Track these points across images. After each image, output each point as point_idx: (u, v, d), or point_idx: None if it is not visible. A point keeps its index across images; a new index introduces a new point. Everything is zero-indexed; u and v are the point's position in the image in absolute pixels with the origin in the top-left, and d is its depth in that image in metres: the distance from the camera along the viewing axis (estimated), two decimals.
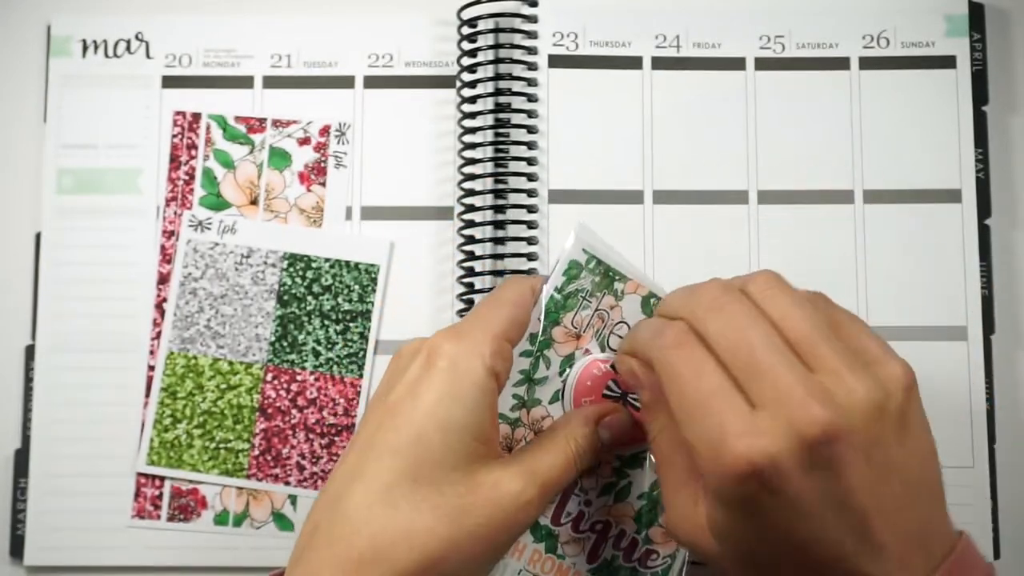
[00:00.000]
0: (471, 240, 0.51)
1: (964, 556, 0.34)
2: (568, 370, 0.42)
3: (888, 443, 0.33)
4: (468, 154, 0.52)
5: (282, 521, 0.51)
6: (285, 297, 0.53)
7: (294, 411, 0.52)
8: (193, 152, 0.54)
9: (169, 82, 0.54)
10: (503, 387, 0.39)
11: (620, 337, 0.42)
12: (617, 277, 0.42)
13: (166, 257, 0.53)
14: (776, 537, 0.33)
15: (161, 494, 0.52)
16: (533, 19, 0.54)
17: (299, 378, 0.52)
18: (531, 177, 0.52)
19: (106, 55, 0.54)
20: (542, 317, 0.41)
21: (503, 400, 0.41)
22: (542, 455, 0.38)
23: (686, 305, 0.36)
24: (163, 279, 0.53)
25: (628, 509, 0.43)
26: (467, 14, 0.53)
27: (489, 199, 0.52)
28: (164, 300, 0.53)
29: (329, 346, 0.52)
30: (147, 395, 0.52)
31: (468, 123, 0.52)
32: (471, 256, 0.51)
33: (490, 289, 0.51)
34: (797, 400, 0.32)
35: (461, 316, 0.51)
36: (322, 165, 0.54)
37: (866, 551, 0.33)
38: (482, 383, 0.36)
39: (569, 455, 0.39)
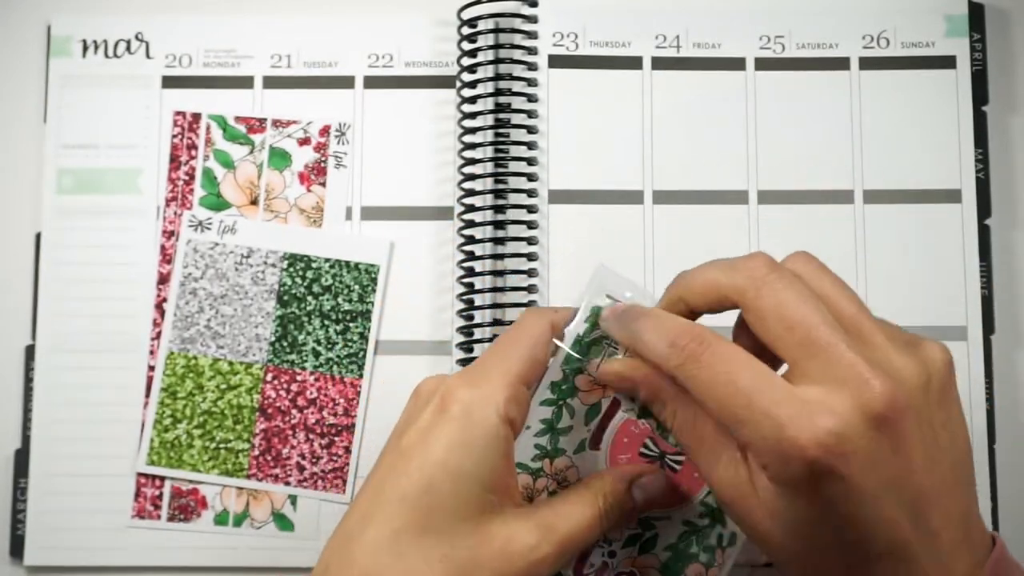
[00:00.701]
0: (471, 240, 0.51)
1: (1003, 555, 0.34)
2: (594, 420, 0.41)
3: (935, 423, 0.33)
4: (468, 154, 0.52)
5: (282, 521, 0.51)
6: (285, 297, 0.53)
7: (294, 411, 0.52)
8: (193, 152, 0.54)
9: (169, 82, 0.54)
10: (519, 433, 0.38)
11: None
12: None
13: (166, 257, 0.53)
14: (836, 521, 0.32)
15: (161, 494, 0.52)
16: (533, 19, 0.54)
17: (299, 378, 0.52)
18: (531, 177, 0.52)
19: (106, 55, 0.55)
20: (564, 365, 0.41)
21: (524, 449, 0.40)
22: (566, 509, 0.37)
23: (732, 281, 0.35)
24: (163, 279, 0.53)
25: (654, 561, 0.42)
26: (467, 14, 0.53)
27: (489, 199, 0.52)
28: (164, 300, 0.53)
29: (329, 346, 0.52)
30: (147, 395, 0.52)
31: (468, 123, 0.52)
32: (471, 256, 0.51)
33: (491, 289, 0.51)
34: (861, 376, 0.31)
35: (461, 316, 0.51)
36: (322, 165, 0.54)
37: (921, 537, 0.32)
38: (496, 431, 0.36)
39: (596, 512, 0.38)
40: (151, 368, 0.52)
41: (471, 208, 0.52)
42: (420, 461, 0.35)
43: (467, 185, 0.52)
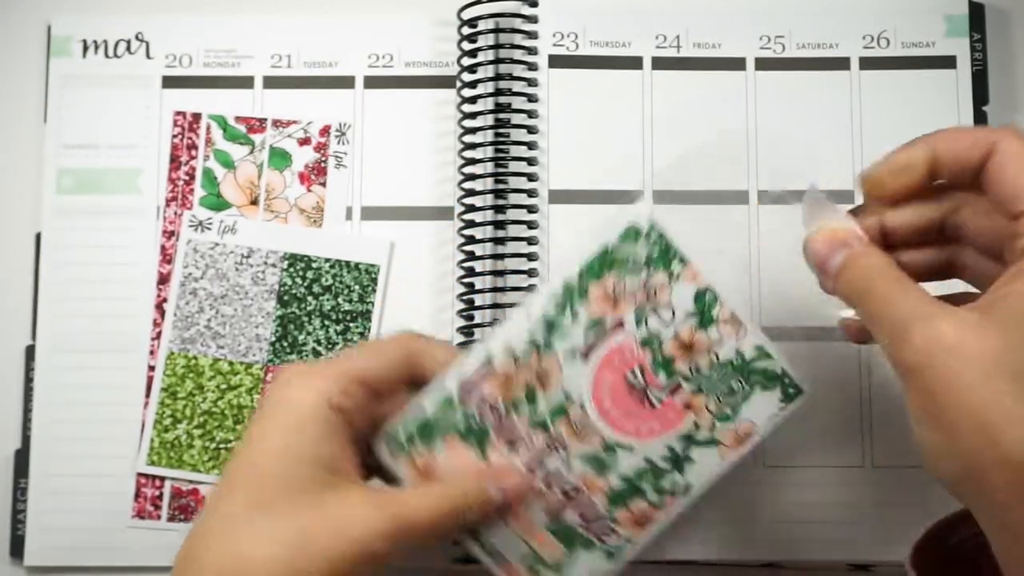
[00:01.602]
0: (471, 240, 0.51)
1: None
2: (593, 332, 0.42)
3: None
4: (468, 154, 0.52)
5: None
6: (285, 297, 0.53)
7: None
8: (193, 152, 0.54)
9: (169, 82, 0.54)
10: (357, 425, 0.39)
11: (661, 320, 0.42)
12: (677, 258, 0.42)
13: (166, 257, 0.53)
14: None
15: (161, 494, 0.52)
16: (533, 19, 0.54)
17: None
18: (531, 177, 0.52)
19: (106, 55, 0.55)
20: (584, 266, 0.41)
21: (516, 335, 0.41)
22: (418, 494, 0.39)
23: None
24: (163, 279, 0.53)
25: (604, 485, 0.42)
26: (467, 14, 0.53)
27: (489, 199, 0.52)
28: (164, 300, 0.53)
29: (329, 346, 0.52)
30: (147, 395, 0.52)
31: (468, 123, 0.52)
32: (471, 256, 0.51)
33: (491, 289, 0.51)
34: None
35: (461, 316, 0.51)
36: (322, 165, 0.54)
37: None
38: (323, 416, 0.37)
39: (447, 504, 0.39)
40: (151, 368, 0.52)
41: (471, 208, 0.52)
42: (249, 445, 0.38)
43: (467, 185, 0.52)
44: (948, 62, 0.53)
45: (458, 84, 0.53)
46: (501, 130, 0.52)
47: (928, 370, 0.33)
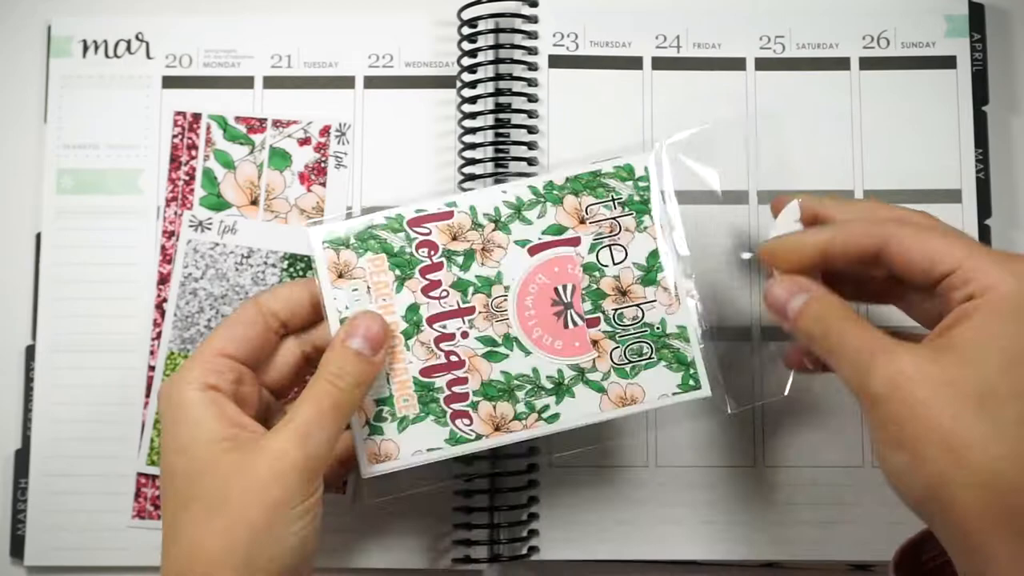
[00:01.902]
0: None
1: None
2: (547, 237, 0.44)
3: None
4: (468, 154, 0.52)
5: None
6: None
7: None
8: (193, 152, 0.54)
9: (169, 82, 0.54)
10: (235, 391, 0.41)
11: (612, 256, 0.44)
12: (649, 211, 0.44)
13: (166, 257, 0.53)
14: None
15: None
16: (533, 19, 0.54)
17: None
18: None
19: (106, 55, 0.55)
20: (571, 176, 0.44)
21: (485, 202, 0.44)
22: (295, 404, 0.40)
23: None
24: (163, 279, 0.53)
25: (486, 370, 0.44)
26: (467, 14, 0.53)
27: None
28: (164, 300, 0.53)
29: None
30: (147, 395, 0.52)
31: (468, 123, 0.52)
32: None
33: None
34: None
35: None
36: (322, 165, 0.54)
37: None
38: (196, 400, 0.40)
39: (321, 385, 0.40)
40: (151, 368, 0.52)
41: None
42: (161, 457, 0.40)
43: (467, 185, 0.52)
44: (948, 62, 0.53)
45: (458, 84, 0.53)
46: (501, 130, 0.52)
47: (894, 398, 0.35)
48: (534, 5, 0.54)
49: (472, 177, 0.52)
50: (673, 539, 0.50)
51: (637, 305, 0.44)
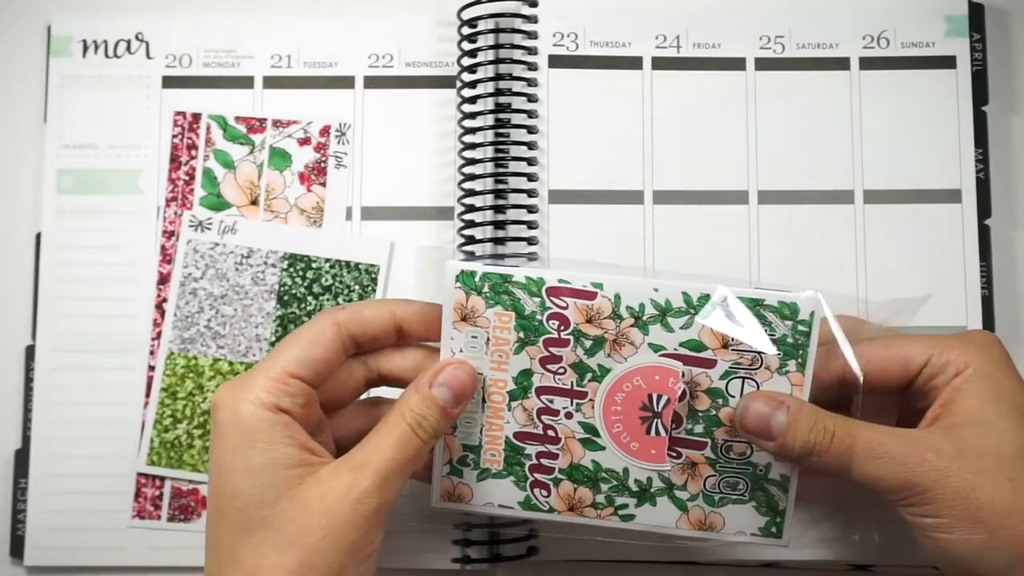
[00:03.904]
0: (471, 240, 0.51)
1: None
2: (684, 350, 0.42)
3: None
4: (468, 154, 0.52)
5: None
6: (285, 297, 0.53)
7: None
8: (193, 152, 0.54)
9: (169, 82, 0.54)
10: (312, 409, 0.40)
11: (743, 389, 0.43)
12: (799, 358, 0.42)
13: (166, 257, 0.53)
14: None
15: (161, 494, 0.52)
16: (533, 19, 0.54)
17: None
18: (531, 177, 0.52)
19: (106, 55, 0.55)
20: (732, 297, 0.42)
21: (633, 294, 0.42)
22: (375, 440, 0.39)
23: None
24: (163, 279, 0.53)
25: (576, 454, 0.43)
26: (467, 14, 0.53)
27: (489, 199, 0.52)
28: (164, 300, 0.53)
29: None
30: (147, 395, 0.52)
31: (468, 123, 0.52)
32: (471, 256, 0.51)
33: None
34: None
35: None
36: (322, 165, 0.54)
37: None
38: (267, 420, 0.38)
39: (404, 430, 0.39)
40: (151, 368, 0.52)
41: (471, 208, 0.52)
42: (218, 474, 0.38)
43: (467, 185, 0.52)
44: (948, 62, 0.53)
45: (458, 84, 0.53)
46: (501, 130, 0.52)
47: (952, 482, 0.37)
48: (534, 5, 0.54)
49: (472, 177, 0.52)
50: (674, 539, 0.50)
51: (748, 444, 0.43)
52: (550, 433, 0.43)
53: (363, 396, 0.45)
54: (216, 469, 0.39)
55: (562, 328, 0.43)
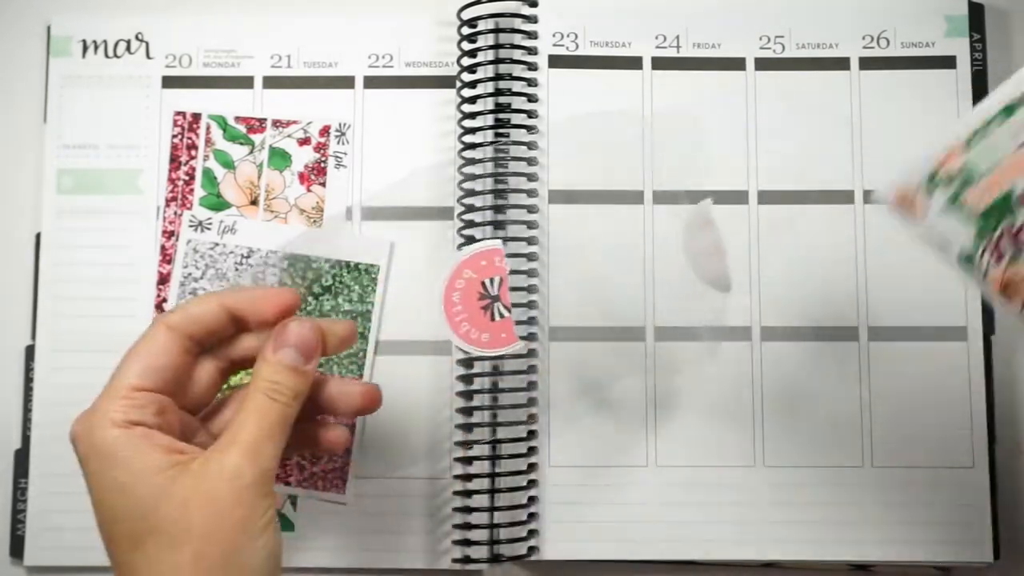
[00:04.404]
0: (471, 240, 0.51)
1: None
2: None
3: None
4: (468, 154, 0.52)
5: (282, 521, 0.51)
6: None
7: None
8: (193, 152, 0.54)
9: (169, 82, 0.54)
10: (159, 423, 0.39)
11: None
12: None
13: (166, 257, 0.53)
14: None
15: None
16: (533, 19, 0.54)
17: None
18: (531, 177, 0.52)
19: (106, 55, 0.55)
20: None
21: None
22: (237, 418, 0.39)
23: None
24: (163, 279, 0.53)
25: None
26: (467, 14, 0.53)
27: (489, 199, 0.52)
28: (164, 300, 0.53)
29: None
30: None
31: (468, 123, 0.52)
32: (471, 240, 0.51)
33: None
34: None
35: None
36: (322, 165, 0.54)
37: None
38: (122, 437, 0.38)
39: (260, 400, 0.39)
40: None
41: (471, 208, 0.52)
42: (97, 504, 0.38)
43: (467, 185, 0.52)
44: (948, 62, 0.53)
45: (458, 84, 0.53)
46: (501, 130, 0.52)
47: None
48: (534, 5, 0.54)
49: (472, 177, 0.52)
50: (673, 539, 0.50)
51: None
52: None
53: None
54: (94, 503, 0.38)
55: None
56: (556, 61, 0.54)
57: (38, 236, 0.53)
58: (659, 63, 0.54)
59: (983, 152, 0.36)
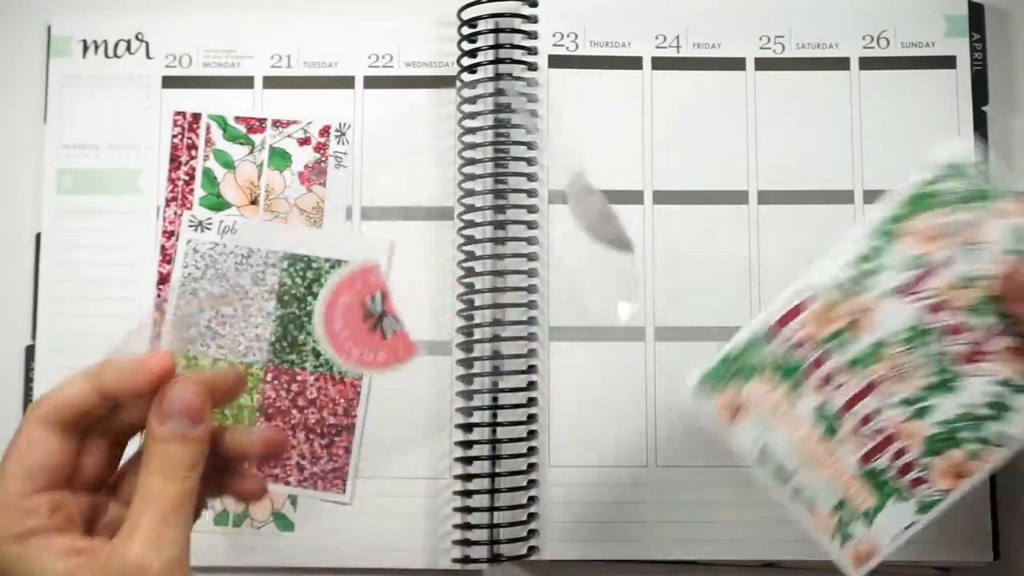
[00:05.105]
0: (471, 240, 0.51)
1: None
2: (911, 271, 0.41)
3: None
4: (468, 154, 0.52)
5: (282, 521, 0.51)
6: (285, 297, 0.53)
7: (294, 411, 0.52)
8: (193, 152, 0.54)
9: (169, 82, 0.54)
10: (56, 522, 0.36)
11: (979, 258, 0.41)
12: (993, 195, 0.41)
13: (166, 257, 0.53)
14: None
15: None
16: (533, 19, 0.54)
17: (299, 378, 0.52)
18: (531, 177, 0.52)
19: (106, 55, 0.55)
20: (894, 203, 0.42)
21: (831, 276, 0.41)
22: (134, 504, 0.36)
23: None
24: (163, 279, 0.53)
25: (921, 430, 0.41)
26: (467, 14, 0.53)
27: (489, 199, 0.52)
28: (164, 300, 0.53)
29: None
30: None
31: (468, 123, 0.52)
32: (471, 256, 0.51)
33: (490, 289, 0.51)
34: None
35: (461, 316, 0.51)
36: (322, 165, 0.54)
37: None
38: (13, 553, 0.35)
39: (154, 483, 0.36)
40: None
41: (471, 208, 0.52)
42: None
43: (467, 185, 0.52)
44: (948, 62, 0.53)
45: (458, 84, 0.53)
46: (501, 130, 0.52)
47: None
48: (534, 5, 0.54)
49: (472, 177, 0.52)
50: (673, 539, 0.50)
51: None
52: (880, 436, 0.41)
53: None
54: None
55: (810, 346, 0.41)
56: (556, 61, 0.54)
57: (38, 236, 0.53)
58: (659, 63, 0.54)
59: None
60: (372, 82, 0.54)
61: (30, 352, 0.53)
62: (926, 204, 0.42)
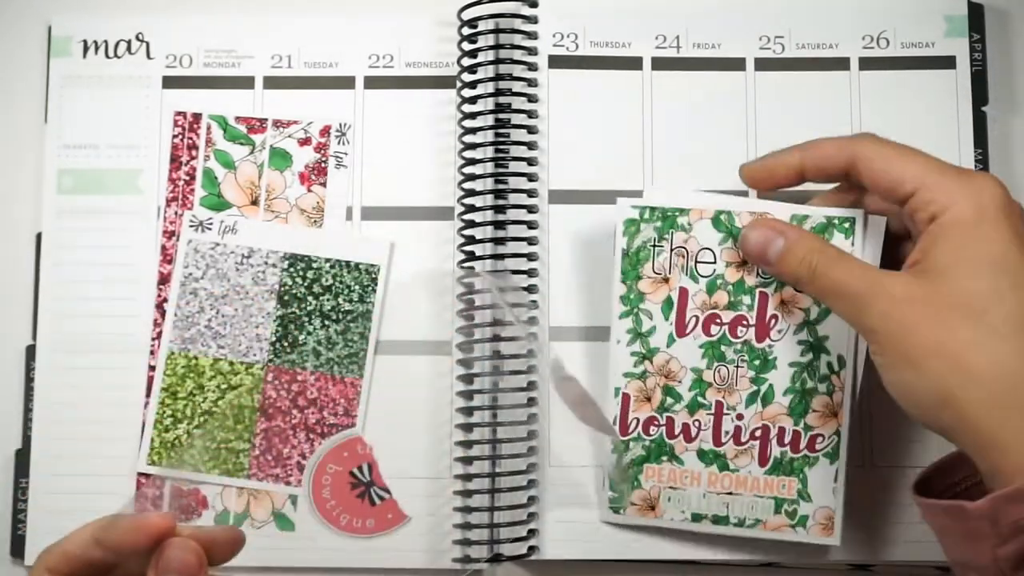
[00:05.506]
0: (471, 240, 0.51)
1: None
2: (671, 312, 0.47)
3: None
4: (468, 154, 0.52)
5: (282, 521, 0.51)
6: (286, 297, 0.53)
7: (295, 411, 0.52)
8: (194, 152, 0.54)
9: (169, 82, 0.54)
10: None
11: (706, 263, 0.47)
12: (678, 213, 0.47)
13: (167, 257, 0.53)
14: None
15: (161, 494, 0.52)
16: (533, 19, 0.54)
17: (299, 378, 0.52)
18: (531, 177, 0.52)
19: (106, 55, 0.55)
20: (619, 277, 0.48)
21: (625, 362, 0.48)
22: None
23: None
24: (164, 279, 0.53)
25: (779, 407, 0.47)
26: (467, 14, 0.53)
27: (489, 199, 0.52)
28: (165, 300, 0.53)
29: (329, 346, 0.52)
30: (148, 395, 0.52)
31: (468, 123, 0.52)
32: (471, 256, 0.51)
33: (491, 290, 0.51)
34: None
35: (461, 316, 0.51)
36: (322, 165, 0.54)
37: None
38: None
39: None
40: (152, 368, 0.52)
41: (471, 208, 0.52)
42: None
43: (467, 185, 0.52)
44: (948, 62, 0.53)
45: (458, 84, 0.53)
46: (501, 130, 0.52)
47: (890, 326, 0.40)
48: (534, 5, 0.54)
49: (472, 177, 0.52)
50: (674, 539, 0.50)
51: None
52: (758, 433, 0.48)
53: None
54: None
55: (654, 421, 0.48)
56: (556, 61, 0.54)
57: (38, 236, 0.53)
58: (659, 63, 0.54)
59: None
60: (372, 82, 0.54)
61: (30, 352, 0.53)
62: (640, 257, 0.48)
